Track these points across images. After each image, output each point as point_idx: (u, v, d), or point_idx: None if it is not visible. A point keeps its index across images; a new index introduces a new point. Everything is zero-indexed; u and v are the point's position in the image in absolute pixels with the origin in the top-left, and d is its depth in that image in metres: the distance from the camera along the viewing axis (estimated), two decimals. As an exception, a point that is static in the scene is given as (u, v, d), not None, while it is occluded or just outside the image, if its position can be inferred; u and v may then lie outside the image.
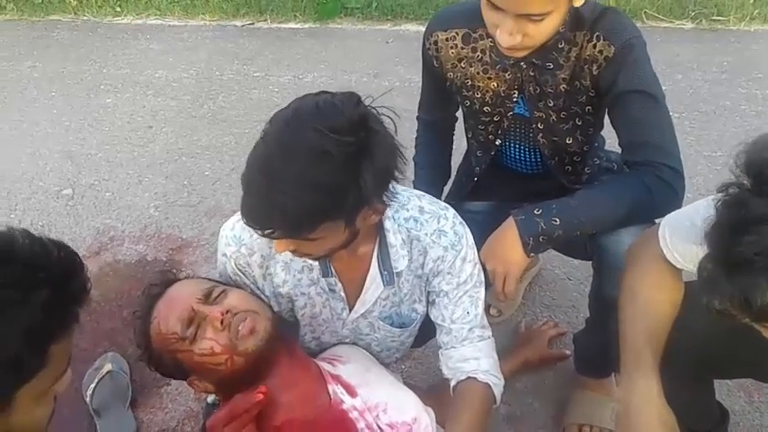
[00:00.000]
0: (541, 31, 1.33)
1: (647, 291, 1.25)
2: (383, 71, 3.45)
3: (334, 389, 1.39)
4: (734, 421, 1.65)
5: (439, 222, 1.39)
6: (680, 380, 1.24)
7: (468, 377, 1.42)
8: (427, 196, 1.44)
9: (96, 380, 1.94)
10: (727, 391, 1.78)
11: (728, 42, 3.47)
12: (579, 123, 1.55)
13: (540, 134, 1.58)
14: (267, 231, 1.19)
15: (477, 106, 1.62)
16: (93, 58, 3.84)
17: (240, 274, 1.44)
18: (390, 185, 1.22)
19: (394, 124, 1.21)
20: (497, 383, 1.45)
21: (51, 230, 2.56)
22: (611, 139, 1.63)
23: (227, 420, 1.25)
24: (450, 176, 1.88)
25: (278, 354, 1.35)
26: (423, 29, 1.66)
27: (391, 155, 1.19)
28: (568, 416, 1.77)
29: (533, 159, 1.69)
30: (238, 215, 1.40)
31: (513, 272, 1.45)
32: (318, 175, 1.10)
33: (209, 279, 1.44)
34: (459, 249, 1.39)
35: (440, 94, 1.70)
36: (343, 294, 1.45)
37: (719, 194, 0.95)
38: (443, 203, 1.45)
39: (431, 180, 1.78)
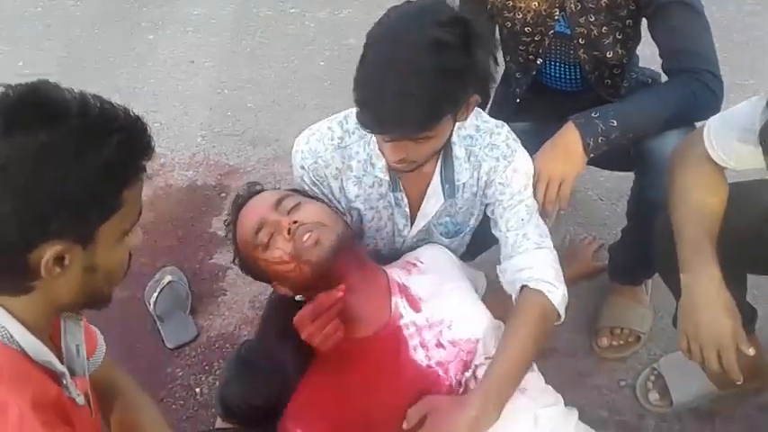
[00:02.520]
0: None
1: (698, 190, 1.32)
2: (418, 6, 3.49)
3: (398, 302, 1.44)
4: (758, 330, 1.75)
5: (491, 137, 1.48)
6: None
7: (523, 286, 1.44)
8: (483, 115, 1.52)
9: (158, 290, 2.09)
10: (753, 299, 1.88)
11: (765, -27, 3.45)
12: (620, 37, 1.62)
13: (582, 50, 1.65)
14: (396, 133, 1.27)
15: (518, 27, 1.68)
16: (134, -5, 3.92)
17: (318, 184, 1.52)
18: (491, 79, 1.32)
19: None
20: (553, 290, 1.42)
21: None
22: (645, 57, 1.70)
23: (312, 317, 1.34)
24: (490, 98, 1.95)
25: (348, 264, 1.40)
26: None
27: (490, 41, 1.31)
28: (601, 319, 1.89)
29: (573, 76, 1.76)
30: (311, 129, 1.51)
31: (571, 175, 1.52)
32: (441, 61, 1.20)
33: (289, 190, 1.51)
34: (511, 160, 1.47)
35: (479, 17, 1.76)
36: (407, 210, 1.54)
37: None
38: (498, 121, 1.52)
39: None
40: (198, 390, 1.91)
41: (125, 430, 1.30)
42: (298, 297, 1.47)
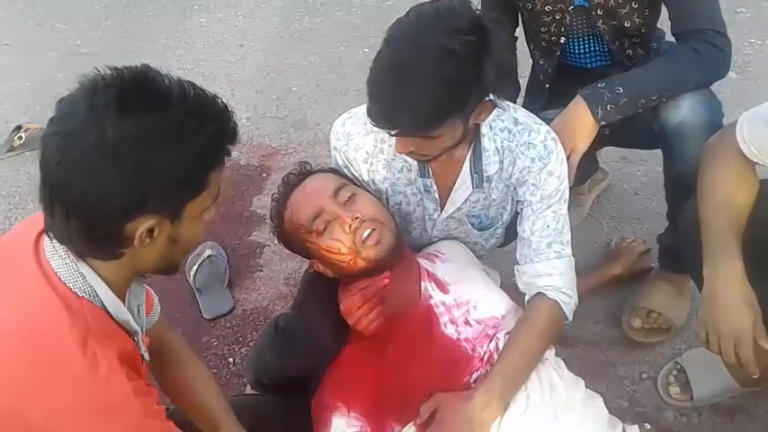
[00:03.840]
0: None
1: (727, 183, 1.34)
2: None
3: (427, 285, 1.51)
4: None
5: (530, 135, 1.48)
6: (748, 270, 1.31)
7: (539, 292, 1.47)
8: (523, 110, 1.54)
9: (198, 263, 2.18)
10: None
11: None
12: (635, 6, 1.66)
13: (601, 20, 1.69)
14: (396, 131, 1.32)
15: (538, 6, 1.71)
16: (186, -21, 4.03)
17: (349, 166, 1.58)
18: (504, 86, 1.34)
19: None
20: (567, 301, 1.47)
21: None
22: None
23: (361, 303, 1.42)
24: (519, 90, 1.98)
25: (394, 256, 1.45)
26: None
27: (509, 53, 1.32)
28: (641, 299, 1.87)
29: (598, 49, 1.79)
30: (349, 113, 1.56)
31: (580, 144, 1.55)
32: (446, 70, 1.23)
33: (339, 176, 1.55)
34: (546, 162, 1.46)
35: (501, 5, 1.78)
36: (437, 196, 1.57)
37: None
38: (538, 119, 1.52)
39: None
40: (231, 359, 1.99)
41: (177, 386, 1.40)
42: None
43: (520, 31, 1.86)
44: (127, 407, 1.01)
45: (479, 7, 1.32)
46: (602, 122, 1.54)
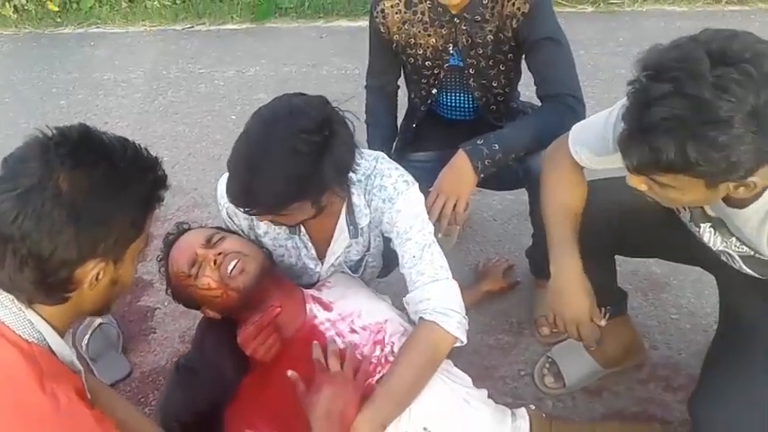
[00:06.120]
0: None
1: (562, 191, 1.57)
2: (320, 62, 3.76)
3: (311, 307, 1.64)
4: (632, 314, 2.03)
5: (382, 179, 1.62)
6: (587, 258, 1.54)
7: (420, 317, 1.54)
8: (385, 159, 1.67)
9: (89, 333, 2.17)
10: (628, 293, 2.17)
11: (624, 21, 3.93)
12: (503, 68, 1.92)
13: (472, 79, 1.94)
14: (249, 211, 1.47)
15: (419, 62, 1.95)
16: (40, 65, 4.03)
17: (230, 221, 1.73)
18: (344, 180, 1.50)
19: (353, 125, 1.48)
20: (446, 320, 1.51)
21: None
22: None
23: (255, 333, 1.54)
24: (397, 134, 2.21)
25: (268, 286, 1.59)
26: (353, 24, 1.97)
27: (349, 152, 1.47)
28: (535, 311, 2.13)
29: (465, 105, 2.04)
30: None
31: (465, 193, 1.75)
32: (290, 169, 1.38)
33: (213, 227, 1.70)
34: (394, 202, 1.60)
35: (386, 57, 2.02)
36: (313, 252, 1.72)
37: (628, 88, 1.17)
38: (395, 164, 1.67)
39: (382, 137, 2.12)
40: (135, 421, 2.00)
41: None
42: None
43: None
44: (89, 431, 1.07)
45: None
46: (481, 174, 1.76)
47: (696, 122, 1.06)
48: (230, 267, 1.55)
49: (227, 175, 1.68)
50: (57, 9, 4.51)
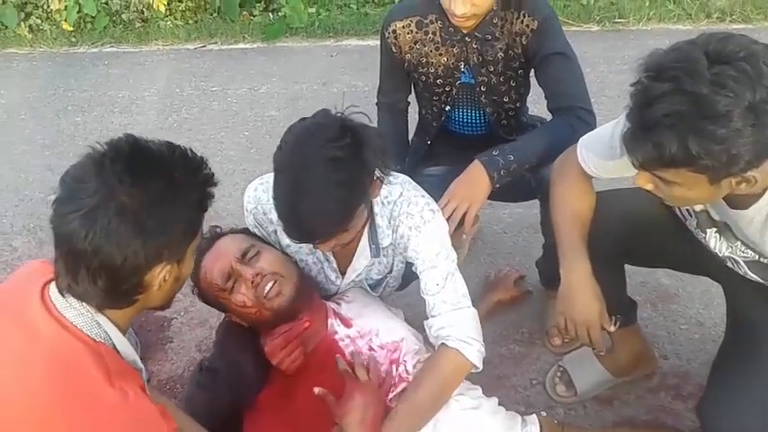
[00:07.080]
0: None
1: (571, 200, 1.61)
2: (330, 80, 3.83)
3: (333, 322, 1.69)
4: (642, 324, 2.06)
5: (409, 206, 1.63)
6: (596, 267, 1.58)
7: (442, 343, 1.58)
8: (411, 185, 1.69)
9: (107, 342, 2.22)
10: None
11: (629, 40, 3.99)
12: (513, 84, 1.97)
13: (483, 96, 1.99)
14: (318, 241, 1.48)
15: (431, 80, 2.00)
16: (55, 83, 4.10)
17: (259, 226, 1.76)
18: (386, 160, 1.53)
19: (367, 116, 1.53)
20: (466, 348, 1.56)
21: (43, 231, 2.83)
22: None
23: (283, 345, 1.58)
24: (408, 150, 2.25)
25: (300, 305, 1.62)
26: (363, 43, 2.01)
27: (378, 136, 1.50)
28: (547, 322, 2.15)
29: (477, 121, 2.09)
30: (261, 179, 1.73)
31: (478, 200, 1.79)
32: (338, 174, 1.40)
33: (247, 236, 1.71)
34: (421, 231, 1.61)
35: (398, 76, 2.06)
36: (335, 265, 1.76)
37: (630, 89, 1.22)
38: (422, 191, 1.68)
39: (394, 153, 2.10)
40: (153, 429, 2.03)
41: None
42: None
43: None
44: (156, 424, 1.13)
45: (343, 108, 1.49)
46: (497, 185, 1.80)
47: (696, 117, 1.11)
48: (267, 289, 1.57)
49: (256, 182, 1.75)
50: (71, 29, 4.60)
